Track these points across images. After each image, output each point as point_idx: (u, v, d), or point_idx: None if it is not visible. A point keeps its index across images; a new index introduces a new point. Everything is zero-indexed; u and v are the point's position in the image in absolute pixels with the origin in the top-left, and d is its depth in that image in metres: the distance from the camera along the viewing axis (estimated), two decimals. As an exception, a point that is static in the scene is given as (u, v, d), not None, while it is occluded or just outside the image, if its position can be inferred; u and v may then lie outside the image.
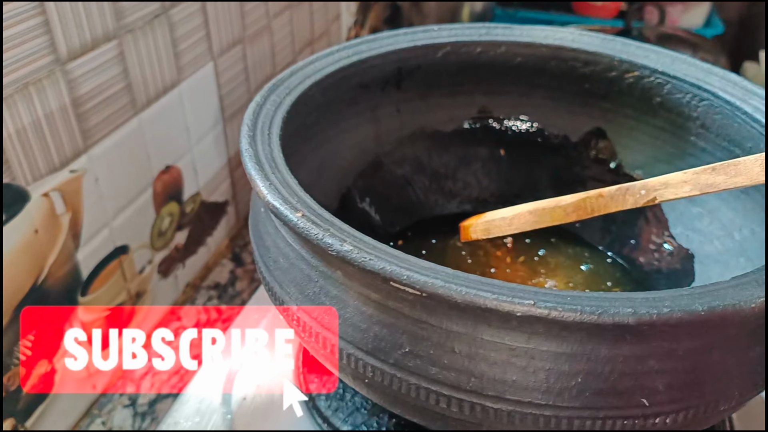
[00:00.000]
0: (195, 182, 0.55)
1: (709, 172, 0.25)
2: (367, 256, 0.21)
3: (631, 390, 0.22)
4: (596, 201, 0.29)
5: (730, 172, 0.24)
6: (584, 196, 0.29)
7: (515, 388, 0.22)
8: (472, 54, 0.39)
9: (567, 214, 0.30)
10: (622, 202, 0.28)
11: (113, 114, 0.44)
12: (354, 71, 0.36)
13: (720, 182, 0.25)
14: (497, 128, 0.42)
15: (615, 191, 0.28)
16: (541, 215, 0.31)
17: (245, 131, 0.28)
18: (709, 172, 0.25)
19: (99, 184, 0.43)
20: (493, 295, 0.20)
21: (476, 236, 0.36)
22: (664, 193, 0.27)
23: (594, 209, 0.29)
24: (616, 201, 0.28)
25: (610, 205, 0.29)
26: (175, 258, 0.54)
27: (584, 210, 0.29)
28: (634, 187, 0.27)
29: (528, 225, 0.33)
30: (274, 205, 0.24)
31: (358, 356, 0.24)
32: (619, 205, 0.28)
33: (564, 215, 0.30)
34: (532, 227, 0.33)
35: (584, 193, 0.30)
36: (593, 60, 0.37)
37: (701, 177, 0.25)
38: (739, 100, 0.32)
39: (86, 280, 0.44)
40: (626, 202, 0.28)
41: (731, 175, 0.24)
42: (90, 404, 0.46)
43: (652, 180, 0.27)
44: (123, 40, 0.43)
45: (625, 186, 0.28)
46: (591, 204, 0.29)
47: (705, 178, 0.25)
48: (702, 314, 0.20)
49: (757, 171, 0.24)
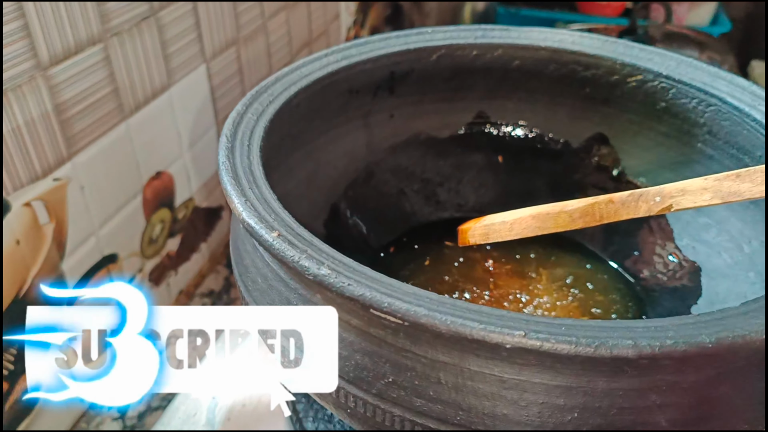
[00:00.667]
0: (188, 188, 0.54)
1: (732, 179, 0.22)
2: (346, 281, 0.20)
3: (632, 425, 0.20)
4: (606, 207, 0.27)
5: (757, 179, 0.22)
6: (593, 201, 0.27)
7: (506, 423, 0.21)
8: (467, 57, 0.37)
9: (573, 220, 0.28)
10: (635, 209, 0.26)
11: (99, 120, 0.42)
12: (343, 76, 0.34)
13: (744, 191, 0.22)
14: (495, 134, 0.40)
15: (627, 197, 0.26)
16: (545, 220, 0.29)
17: (223, 143, 0.26)
18: (733, 179, 0.22)
19: (85, 192, 0.42)
20: (480, 325, 0.19)
21: (474, 241, 0.34)
22: (681, 201, 0.24)
23: (603, 216, 0.27)
24: (627, 208, 0.26)
25: (621, 212, 0.26)
26: (167, 266, 0.53)
27: (592, 216, 0.27)
28: (648, 194, 0.25)
29: (530, 231, 0.30)
30: (249, 224, 0.22)
31: (340, 385, 0.22)
32: (630, 212, 0.26)
33: (569, 221, 0.28)
34: (534, 233, 0.30)
35: (593, 198, 0.27)
36: (594, 63, 0.35)
37: (723, 184, 0.23)
38: (747, 106, 0.30)
39: (72, 291, 0.42)
40: (639, 209, 0.26)
41: (757, 183, 0.22)
42: (77, 417, 0.45)
43: (668, 186, 0.25)
44: (109, 43, 0.42)
45: (638, 192, 0.26)
46: (600, 210, 0.27)
47: (728, 186, 0.22)
48: (709, 346, 0.18)
49: None
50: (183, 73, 0.50)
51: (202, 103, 0.54)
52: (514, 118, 0.40)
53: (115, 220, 0.45)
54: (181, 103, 0.50)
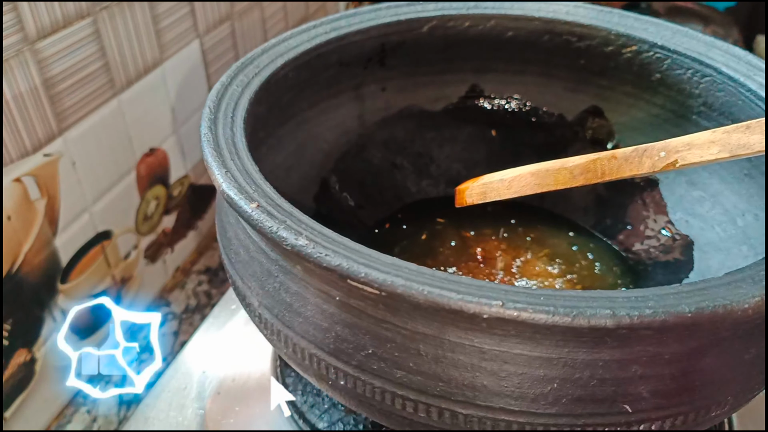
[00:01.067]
0: (183, 165, 0.54)
1: (742, 131, 0.21)
2: (324, 252, 0.20)
3: (613, 397, 0.20)
4: (608, 163, 0.25)
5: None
6: (595, 157, 0.26)
7: (486, 394, 0.20)
8: (460, 28, 0.36)
9: (573, 177, 0.27)
10: (638, 165, 0.25)
11: (90, 95, 0.42)
12: (332, 48, 0.34)
13: (755, 143, 0.21)
14: (488, 107, 0.40)
15: (630, 152, 0.25)
16: (544, 177, 0.28)
17: (206, 114, 0.26)
18: (742, 131, 0.21)
19: (77, 168, 0.42)
20: (458, 295, 0.18)
21: (472, 200, 0.33)
22: (686, 155, 0.23)
23: (605, 172, 0.26)
24: (630, 164, 0.25)
25: (624, 169, 0.25)
26: (163, 242, 0.53)
27: (593, 173, 0.26)
28: (652, 149, 0.24)
29: (529, 188, 0.29)
30: (228, 195, 0.22)
31: (321, 357, 0.22)
32: (634, 168, 0.25)
33: (570, 178, 0.27)
34: (534, 191, 0.29)
35: (595, 154, 0.26)
36: (588, 34, 0.35)
37: (732, 137, 0.21)
38: (743, 77, 0.29)
39: (66, 266, 0.43)
40: (642, 165, 0.24)
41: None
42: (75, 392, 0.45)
43: (673, 140, 0.23)
44: (98, 17, 0.41)
45: (642, 147, 0.24)
46: (602, 166, 0.26)
47: (737, 138, 0.21)
48: (689, 316, 0.18)
49: None
50: (176, 49, 0.49)
51: (197, 79, 0.53)
52: (509, 90, 0.40)
53: (108, 197, 0.45)
54: (174, 78, 0.50)
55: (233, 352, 0.36)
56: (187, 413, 0.33)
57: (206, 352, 0.37)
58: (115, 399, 0.46)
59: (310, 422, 0.31)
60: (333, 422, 0.31)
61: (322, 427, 0.31)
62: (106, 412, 0.45)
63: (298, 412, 0.32)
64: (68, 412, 0.44)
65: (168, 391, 0.34)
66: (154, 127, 0.49)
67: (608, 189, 0.38)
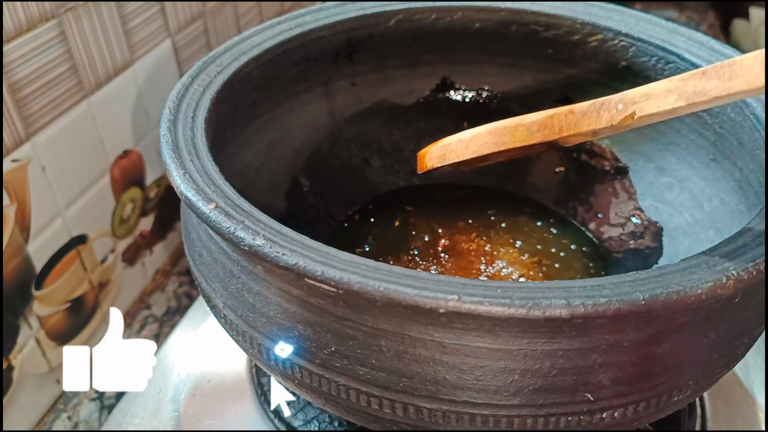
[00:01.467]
0: (159, 166, 0.53)
1: (698, 77, 0.20)
2: (280, 251, 0.20)
3: (574, 386, 0.20)
4: (565, 118, 0.25)
5: (724, 75, 0.20)
6: (552, 112, 0.26)
7: (449, 388, 0.21)
8: (426, 21, 0.36)
9: (531, 134, 0.26)
10: (596, 120, 0.24)
11: (58, 98, 0.41)
12: (298, 44, 0.33)
13: (711, 88, 0.20)
14: (459, 99, 0.40)
15: (588, 107, 0.24)
16: (501, 135, 0.27)
17: (165, 115, 0.26)
18: (699, 77, 0.20)
19: (47, 173, 0.41)
20: (414, 291, 0.18)
21: (432, 164, 0.33)
22: (644, 106, 0.22)
23: (562, 128, 0.25)
24: (588, 118, 0.24)
25: (582, 123, 0.24)
26: (141, 245, 0.53)
27: (551, 129, 0.25)
28: (610, 101, 0.23)
29: (487, 147, 0.29)
30: (186, 196, 0.22)
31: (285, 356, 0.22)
32: (592, 123, 0.24)
33: (527, 135, 0.26)
34: (492, 150, 0.29)
35: (552, 110, 0.26)
36: (554, 23, 0.35)
37: (689, 84, 0.21)
38: (705, 62, 0.30)
39: (41, 272, 0.42)
40: (600, 119, 0.24)
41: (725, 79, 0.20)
42: (55, 399, 0.45)
43: (630, 91, 0.23)
44: (63, 19, 0.41)
45: (599, 100, 0.24)
46: (559, 122, 0.25)
47: (693, 85, 0.21)
48: (643, 303, 0.18)
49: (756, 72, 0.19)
50: (146, 49, 0.49)
51: (170, 79, 0.53)
52: (479, 82, 0.40)
53: (82, 201, 0.45)
54: (146, 79, 0.49)
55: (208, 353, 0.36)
56: (163, 416, 0.33)
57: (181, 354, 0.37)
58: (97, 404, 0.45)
59: (286, 421, 0.31)
60: (308, 420, 0.31)
61: (298, 426, 0.31)
62: (87, 417, 0.44)
63: (274, 411, 0.32)
64: (48, 419, 0.44)
65: (143, 394, 0.34)
66: (128, 128, 0.49)
67: (579, 177, 0.38)
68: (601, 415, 0.21)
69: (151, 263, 0.54)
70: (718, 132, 0.30)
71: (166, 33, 0.51)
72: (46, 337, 0.43)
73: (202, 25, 0.55)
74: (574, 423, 0.21)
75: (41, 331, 0.42)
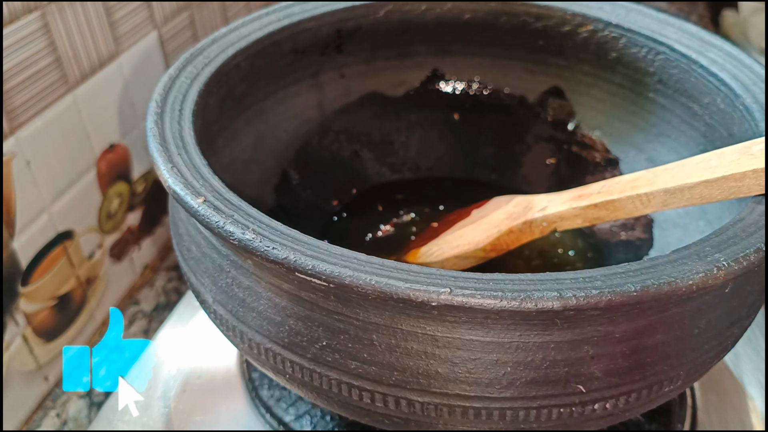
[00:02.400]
0: (146, 160, 0.53)
1: (592, 209, 0.27)
2: (270, 245, 0.19)
3: (566, 378, 0.20)
4: (508, 237, 0.31)
5: (610, 208, 0.27)
6: (497, 234, 0.32)
7: (441, 381, 0.20)
8: (416, 11, 0.36)
9: (486, 253, 0.32)
10: (530, 234, 0.31)
11: (42, 92, 0.41)
12: (286, 36, 0.33)
13: (603, 216, 0.27)
14: (450, 91, 0.40)
15: (522, 225, 0.31)
16: (465, 258, 0.33)
17: (152, 108, 0.25)
18: (593, 209, 0.27)
19: (32, 167, 0.41)
20: (406, 284, 0.18)
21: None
22: (561, 224, 0.29)
23: (509, 244, 0.32)
24: (525, 234, 0.31)
25: (521, 238, 0.31)
26: (129, 240, 0.52)
27: (500, 247, 0.32)
28: (537, 221, 0.30)
29: (456, 267, 0.34)
30: (174, 190, 0.21)
31: (276, 351, 0.22)
32: (528, 236, 0.31)
33: (484, 254, 0.32)
34: (460, 268, 0.34)
35: (496, 233, 0.32)
36: (545, 14, 0.35)
37: (588, 211, 0.28)
38: (695, 53, 0.30)
39: (27, 269, 0.42)
40: (534, 233, 0.31)
41: (611, 211, 0.27)
42: (43, 396, 0.44)
43: (549, 214, 0.29)
44: (46, 11, 0.40)
45: (528, 221, 0.30)
46: (505, 240, 0.31)
47: (591, 212, 0.28)
48: (634, 295, 0.18)
49: (631, 207, 0.26)
50: (132, 41, 0.48)
51: (156, 72, 0.52)
52: (469, 73, 0.39)
53: (68, 196, 0.44)
54: (132, 72, 0.49)
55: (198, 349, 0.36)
56: (153, 413, 0.32)
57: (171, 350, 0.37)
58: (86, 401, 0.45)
59: (277, 416, 0.31)
60: (300, 415, 0.31)
61: (289, 420, 0.31)
62: (75, 414, 0.44)
63: (265, 406, 0.32)
64: (37, 416, 0.43)
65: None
66: (114, 122, 0.48)
67: (570, 169, 0.38)
68: (593, 406, 0.21)
69: (139, 258, 0.54)
70: (708, 123, 0.30)
71: (152, 25, 0.50)
72: (33, 334, 0.42)
73: (188, 16, 0.55)
74: (566, 415, 0.21)
75: (28, 328, 0.42)
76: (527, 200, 0.31)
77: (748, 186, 0.22)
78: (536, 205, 0.30)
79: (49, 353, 0.44)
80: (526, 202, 0.31)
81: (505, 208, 0.32)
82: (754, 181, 0.22)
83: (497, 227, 0.31)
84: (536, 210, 0.30)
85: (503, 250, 0.32)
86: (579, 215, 0.28)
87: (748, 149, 0.23)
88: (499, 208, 0.33)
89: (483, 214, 0.34)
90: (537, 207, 0.30)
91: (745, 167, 0.22)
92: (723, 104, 0.29)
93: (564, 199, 0.29)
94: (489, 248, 0.32)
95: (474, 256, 0.32)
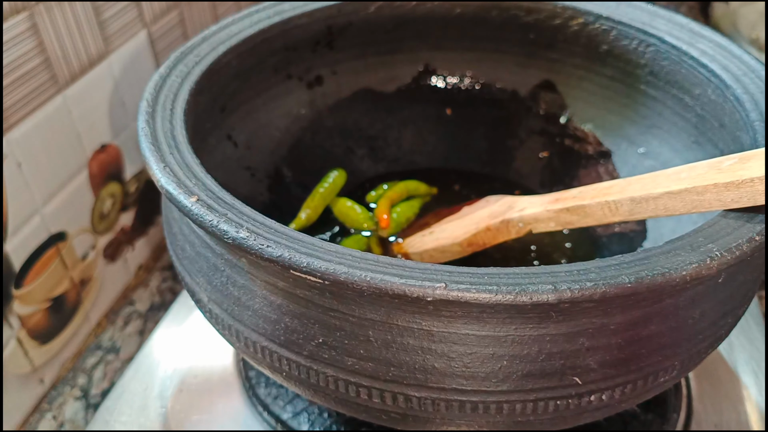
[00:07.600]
0: (138, 160, 0.52)
1: (564, 213, 0.28)
2: (265, 243, 0.19)
3: (562, 370, 0.20)
4: (485, 234, 0.32)
5: (580, 213, 0.27)
6: (475, 231, 0.32)
7: (437, 376, 0.20)
8: (407, 7, 0.36)
9: (463, 248, 0.33)
10: (507, 234, 0.31)
11: (31, 93, 0.40)
12: (276, 33, 0.33)
13: (574, 221, 0.28)
14: (442, 86, 0.40)
15: (499, 224, 0.31)
16: (444, 251, 0.34)
17: (143, 107, 0.25)
18: (565, 213, 0.28)
19: (23, 169, 0.41)
20: (401, 280, 0.18)
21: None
22: (536, 226, 0.30)
23: (485, 241, 0.32)
24: (501, 233, 0.31)
25: (498, 237, 0.32)
26: (123, 241, 0.52)
27: (477, 243, 0.32)
28: (513, 221, 0.30)
29: (435, 260, 0.34)
30: (167, 190, 0.21)
31: (272, 349, 0.22)
32: (504, 236, 0.31)
33: (461, 249, 0.33)
34: (440, 261, 0.34)
35: (474, 229, 0.32)
36: (535, 8, 0.34)
37: (560, 215, 0.28)
38: (685, 44, 0.30)
39: (20, 271, 0.41)
40: (510, 233, 0.31)
41: (582, 216, 0.27)
42: (39, 399, 0.44)
43: (525, 215, 0.30)
44: (35, 11, 0.39)
45: (506, 220, 0.31)
46: (482, 237, 0.32)
47: (564, 217, 0.28)
48: (629, 286, 0.18)
49: (600, 214, 0.26)
50: (122, 40, 0.48)
51: (147, 71, 0.52)
52: (461, 68, 0.39)
53: (60, 197, 0.44)
54: (123, 71, 0.48)
55: (194, 348, 0.36)
56: (150, 413, 0.32)
57: (167, 349, 0.37)
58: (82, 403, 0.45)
59: (275, 414, 0.31)
60: (297, 412, 0.31)
61: (287, 418, 0.31)
62: (72, 416, 0.44)
63: (262, 404, 0.32)
64: (33, 419, 0.43)
65: (129, 391, 0.34)
66: (105, 122, 0.48)
67: (562, 162, 0.38)
68: (589, 398, 0.21)
69: (133, 259, 0.53)
70: (700, 114, 0.31)
71: (142, 24, 0.50)
72: (27, 336, 0.42)
73: (178, 15, 0.54)
74: (562, 407, 0.21)
75: (22, 330, 0.41)
76: (512, 201, 0.32)
77: (709, 201, 0.22)
78: (518, 205, 0.31)
79: (44, 355, 0.44)
80: (510, 202, 0.32)
81: (490, 207, 0.33)
82: (715, 196, 0.22)
83: (477, 224, 0.32)
84: (515, 210, 0.30)
85: (480, 247, 0.32)
86: (552, 218, 0.28)
87: (718, 164, 0.22)
88: (486, 206, 0.33)
89: (470, 211, 0.34)
90: (517, 207, 0.31)
91: (708, 181, 0.22)
92: (714, 95, 0.29)
93: (542, 202, 0.29)
94: (466, 244, 0.32)
95: (451, 250, 0.33)
